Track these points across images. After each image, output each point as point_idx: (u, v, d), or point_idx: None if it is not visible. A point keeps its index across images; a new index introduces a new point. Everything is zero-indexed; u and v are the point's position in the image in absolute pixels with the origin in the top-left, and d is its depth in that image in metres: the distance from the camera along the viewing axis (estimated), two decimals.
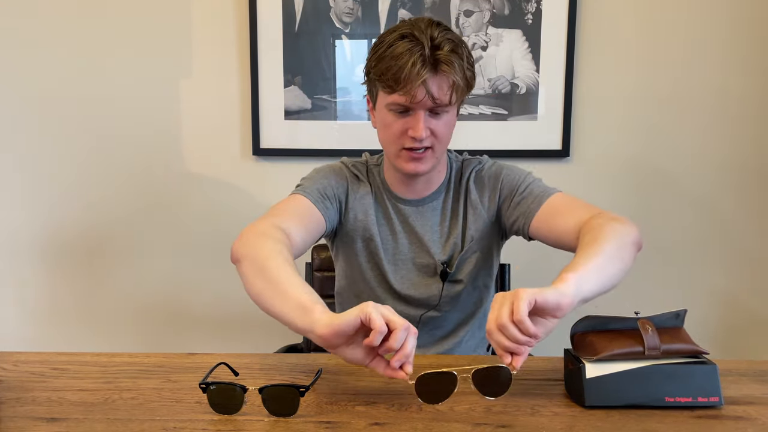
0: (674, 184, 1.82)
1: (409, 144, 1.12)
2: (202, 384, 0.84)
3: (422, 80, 1.05)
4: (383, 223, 1.26)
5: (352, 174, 1.27)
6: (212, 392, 0.83)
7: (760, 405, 0.85)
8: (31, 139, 1.88)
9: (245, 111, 1.84)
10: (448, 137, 1.16)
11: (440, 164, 1.24)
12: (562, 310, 0.82)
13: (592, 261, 0.92)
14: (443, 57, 1.06)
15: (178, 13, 1.81)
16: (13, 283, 1.94)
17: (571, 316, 0.87)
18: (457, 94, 1.10)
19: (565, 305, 0.81)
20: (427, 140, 1.12)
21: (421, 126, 1.10)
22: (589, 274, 0.89)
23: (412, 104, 1.09)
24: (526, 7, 1.75)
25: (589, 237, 0.99)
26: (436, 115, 1.12)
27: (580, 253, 0.96)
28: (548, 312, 0.82)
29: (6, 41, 1.84)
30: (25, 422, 0.80)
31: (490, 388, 0.81)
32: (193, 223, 1.89)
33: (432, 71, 1.06)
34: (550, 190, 1.19)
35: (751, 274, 1.84)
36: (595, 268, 0.91)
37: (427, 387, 0.80)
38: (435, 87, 1.07)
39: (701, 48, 1.76)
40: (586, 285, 0.87)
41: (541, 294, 0.80)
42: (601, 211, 1.08)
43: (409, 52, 1.06)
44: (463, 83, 1.10)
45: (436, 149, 1.15)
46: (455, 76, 1.07)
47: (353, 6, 1.77)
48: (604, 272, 0.92)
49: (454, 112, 1.16)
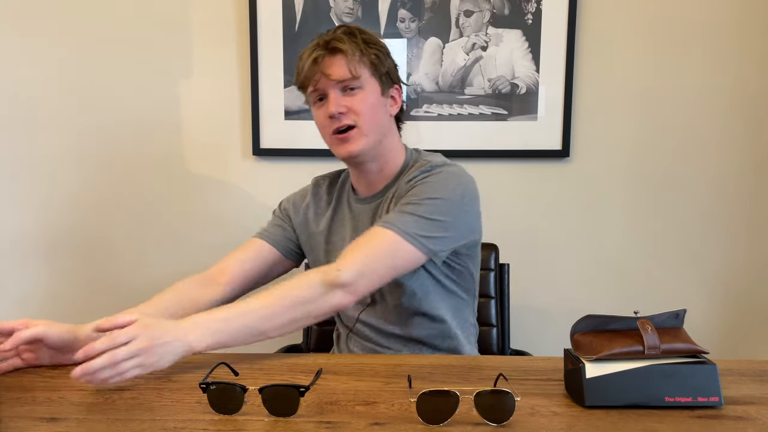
0: (674, 184, 1.81)
1: (332, 125, 1.18)
2: (202, 384, 0.84)
3: (313, 59, 1.15)
4: (337, 228, 1.30)
5: (303, 193, 1.37)
6: (212, 392, 0.83)
7: (760, 405, 0.85)
8: (31, 138, 1.88)
9: (245, 111, 1.84)
10: (373, 115, 1.19)
11: (390, 154, 1.25)
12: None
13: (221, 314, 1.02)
14: (335, 37, 1.16)
15: (178, 13, 1.81)
16: (13, 283, 1.94)
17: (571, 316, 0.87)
18: (358, 68, 1.16)
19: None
20: (347, 117, 1.17)
21: (332, 102, 1.16)
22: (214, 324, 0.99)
23: (319, 88, 1.18)
24: (526, 7, 1.75)
25: (273, 287, 1.07)
26: (350, 91, 1.17)
27: (230, 307, 1.05)
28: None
29: (6, 41, 1.84)
30: (25, 422, 0.80)
31: (492, 413, 0.79)
32: (193, 223, 1.89)
33: (325, 51, 1.16)
34: (393, 223, 1.11)
35: (750, 274, 1.84)
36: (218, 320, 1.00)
37: (428, 406, 0.79)
38: (329, 65, 1.15)
39: (701, 48, 1.76)
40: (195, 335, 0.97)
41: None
42: (331, 270, 1.06)
43: (308, 50, 1.18)
44: (367, 57, 1.17)
45: (362, 126, 1.18)
46: (349, 49, 1.15)
47: (353, 6, 1.77)
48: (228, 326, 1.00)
49: (372, 88, 1.19)
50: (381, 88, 1.20)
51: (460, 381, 0.95)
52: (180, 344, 0.94)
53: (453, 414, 0.79)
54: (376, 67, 1.18)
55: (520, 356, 1.41)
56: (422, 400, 0.79)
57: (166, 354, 0.93)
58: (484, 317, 1.53)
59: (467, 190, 1.19)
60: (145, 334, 0.91)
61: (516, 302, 1.71)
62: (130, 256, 1.91)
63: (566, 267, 1.86)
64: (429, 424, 0.79)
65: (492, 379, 0.90)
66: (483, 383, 0.92)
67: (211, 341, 0.97)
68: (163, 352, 0.92)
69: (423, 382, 0.93)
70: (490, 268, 1.55)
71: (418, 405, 0.79)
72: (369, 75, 1.18)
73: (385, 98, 1.22)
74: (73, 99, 1.85)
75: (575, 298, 1.86)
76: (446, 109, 1.79)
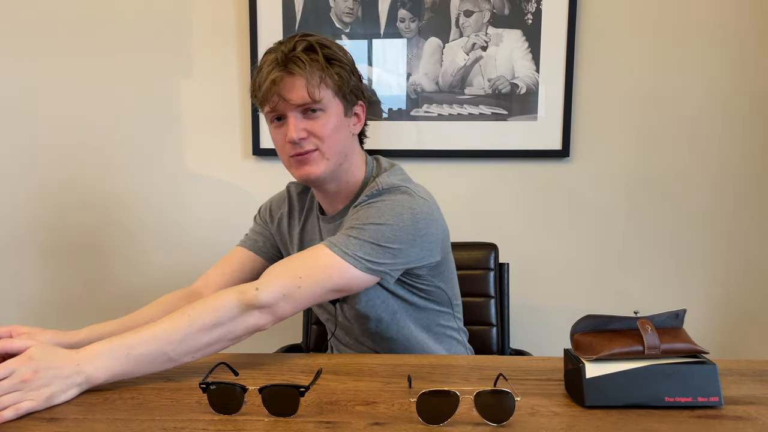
0: (674, 184, 1.82)
1: (292, 150, 1.12)
2: (202, 384, 0.84)
3: (271, 81, 1.06)
4: (308, 242, 1.27)
5: (278, 200, 1.35)
6: (212, 392, 0.83)
7: (760, 405, 0.85)
8: (31, 138, 1.88)
9: (245, 111, 1.84)
10: (335, 139, 1.12)
11: (349, 173, 1.18)
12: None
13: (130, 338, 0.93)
14: (294, 56, 1.07)
15: (178, 13, 1.81)
16: (13, 283, 1.94)
17: (571, 316, 0.87)
18: (319, 91, 1.08)
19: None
20: (308, 142, 1.11)
21: (291, 128, 1.09)
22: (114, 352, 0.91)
23: (277, 110, 1.10)
24: (526, 7, 1.75)
25: (184, 307, 0.99)
26: (312, 113, 1.10)
27: (136, 331, 0.95)
28: None
29: (6, 41, 1.84)
30: (25, 422, 0.80)
31: (492, 413, 0.79)
32: (193, 223, 1.89)
33: (283, 71, 1.07)
34: (335, 244, 1.05)
35: (750, 274, 1.84)
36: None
37: (428, 406, 0.79)
38: (289, 88, 1.07)
39: (701, 48, 1.76)
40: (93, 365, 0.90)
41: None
42: (249, 290, 0.99)
43: (266, 63, 1.09)
44: (330, 78, 1.09)
45: (324, 150, 1.11)
46: (310, 72, 1.07)
47: (353, 6, 1.77)
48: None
49: (334, 110, 1.12)
50: (344, 108, 1.14)
51: (460, 381, 0.95)
52: (77, 377, 0.87)
53: (453, 414, 0.79)
54: (339, 87, 1.11)
55: (520, 356, 1.41)
56: (422, 400, 0.79)
57: (57, 386, 0.85)
58: (484, 317, 1.53)
59: (417, 215, 1.09)
60: (29, 366, 0.84)
61: (516, 302, 1.71)
62: (130, 256, 1.91)
63: (566, 267, 1.86)
64: (429, 424, 0.79)
65: (492, 379, 0.90)
66: (483, 383, 0.92)
67: (112, 372, 0.90)
68: (53, 384, 0.85)
69: (423, 382, 0.93)
70: (490, 268, 1.55)
71: (418, 405, 0.79)
72: (332, 96, 1.11)
73: (348, 118, 1.15)
74: (73, 98, 1.85)
75: (575, 298, 1.86)
76: (446, 109, 1.79)
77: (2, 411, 0.80)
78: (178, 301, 1.20)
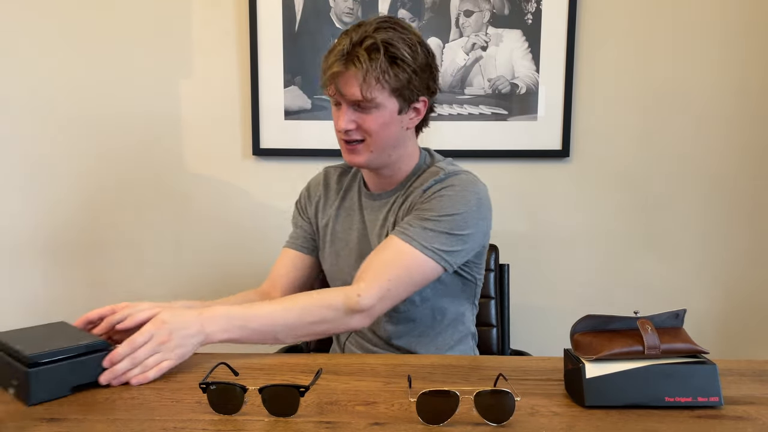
0: (674, 184, 1.82)
1: (342, 136, 1.18)
2: (202, 384, 0.84)
3: (331, 74, 1.12)
4: (343, 218, 1.32)
5: (315, 182, 1.39)
6: (212, 392, 0.83)
7: (760, 405, 0.85)
8: (32, 138, 1.88)
9: (245, 111, 1.84)
10: (383, 135, 1.16)
11: (401, 161, 1.24)
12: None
13: (245, 311, 1.03)
14: (356, 53, 1.10)
15: (178, 13, 1.81)
16: (13, 283, 1.94)
17: (571, 316, 0.87)
18: (373, 92, 1.11)
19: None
20: (356, 133, 1.16)
21: (343, 118, 1.15)
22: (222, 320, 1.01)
23: (334, 98, 1.16)
24: (526, 7, 1.75)
25: (296, 296, 1.11)
26: (363, 109, 1.14)
27: (256, 306, 1.07)
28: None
29: (7, 41, 1.84)
30: (25, 422, 0.80)
31: (492, 413, 0.79)
32: (193, 223, 1.89)
33: (342, 66, 1.11)
34: (415, 239, 1.12)
35: (750, 274, 1.84)
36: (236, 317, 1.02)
37: (428, 406, 0.79)
38: (344, 83, 1.12)
39: (701, 48, 1.76)
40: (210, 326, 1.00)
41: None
42: (353, 295, 1.07)
43: (336, 47, 1.13)
44: (387, 82, 1.11)
45: (369, 143, 1.17)
46: (366, 73, 1.09)
47: (353, 6, 1.77)
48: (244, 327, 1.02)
49: (388, 107, 1.14)
50: (400, 106, 1.16)
51: (460, 381, 0.95)
52: (200, 335, 0.98)
53: (453, 414, 0.79)
54: (397, 87, 1.13)
55: (520, 356, 1.41)
56: (422, 400, 0.79)
57: (188, 345, 0.97)
58: (484, 317, 1.53)
59: (482, 199, 1.19)
60: (163, 329, 0.95)
61: (516, 302, 1.71)
62: (130, 256, 1.91)
63: (566, 267, 1.86)
64: (429, 424, 0.79)
65: (492, 379, 0.90)
66: (483, 383, 0.92)
67: (228, 336, 1.01)
68: (185, 343, 0.96)
69: (423, 382, 0.93)
70: (490, 269, 1.55)
71: (418, 405, 0.79)
72: (387, 96, 1.13)
73: (402, 115, 1.18)
74: (73, 99, 1.85)
75: (575, 298, 1.86)
76: (446, 109, 1.79)
77: (147, 372, 0.92)
78: (255, 299, 1.30)
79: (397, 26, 1.13)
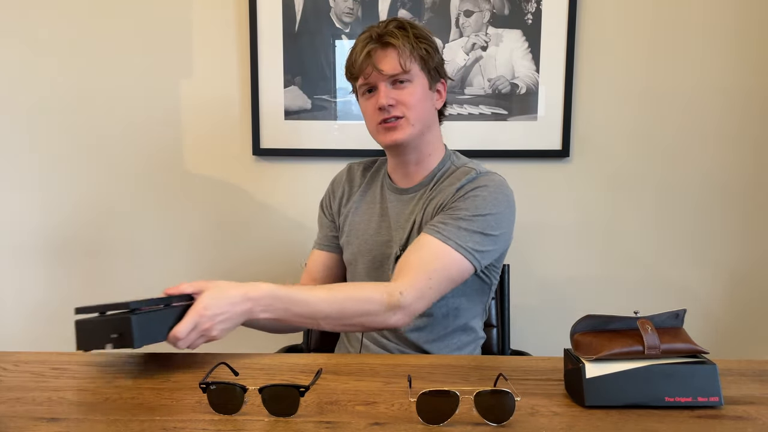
0: (674, 184, 1.82)
1: (380, 116, 1.22)
2: (202, 384, 0.84)
3: (366, 53, 1.19)
4: (363, 209, 1.35)
5: (339, 178, 1.43)
6: (212, 392, 0.83)
7: (760, 405, 0.85)
8: (32, 138, 1.88)
9: (245, 111, 1.84)
10: (419, 106, 1.22)
11: (431, 148, 1.29)
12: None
13: (291, 293, 1.05)
14: (387, 31, 1.20)
15: (178, 12, 1.81)
16: (13, 283, 1.94)
17: (571, 316, 0.87)
18: (409, 63, 1.19)
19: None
20: (396, 109, 1.21)
21: (382, 94, 1.21)
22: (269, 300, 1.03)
23: (370, 81, 1.22)
24: (526, 7, 1.75)
25: (340, 287, 1.15)
26: (400, 84, 1.21)
27: (302, 289, 1.08)
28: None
29: (7, 42, 1.84)
30: (25, 422, 0.80)
31: (492, 413, 0.79)
32: (193, 223, 1.89)
33: (377, 45, 1.20)
34: (452, 239, 1.15)
35: (751, 274, 1.84)
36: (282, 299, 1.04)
37: (428, 406, 0.79)
38: (381, 59, 1.20)
39: (701, 48, 1.76)
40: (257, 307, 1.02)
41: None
42: (395, 293, 1.09)
43: (360, 41, 1.23)
44: (417, 52, 1.20)
45: (410, 117, 1.22)
46: (401, 45, 1.18)
47: (353, 6, 1.77)
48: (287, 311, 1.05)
49: (420, 81, 1.23)
50: (429, 82, 1.24)
51: (460, 381, 0.95)
52: (244, 316, 1.02)
53: (453, 414, 0.79)
54: (426, 61, 1.22)
55: (520, 356, 1.41)
56: (422, 400, 0.79)
57: (232, 322, 1.01)
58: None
59: (510, 201, 1.24)
60: (205, 316, 0.98)
61: (516, 302, 1.71)
62: (130, 256, 1.91)
63: (566, 267, 1.86)
64: (429, 424, 0.79)
65: (492, 379, 0.90)
66: (483, 383, 0.92)
67: (268, 316, 1.03)
68: (228, 326, 1.00)
69: (423, 382, 0.93)
70: None
71: (418, 405, 0.79)
72: (418, 69, 1.22)
73: (432, 92, 1.26)
74: (73, 99, 1.85)
75: (575, 298, 1.86)
76: (446, 109, 1.79)
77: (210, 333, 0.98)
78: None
79: (407, 21, 1.24)
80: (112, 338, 0.93)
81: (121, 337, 0.93)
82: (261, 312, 1.02)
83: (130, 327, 0.92)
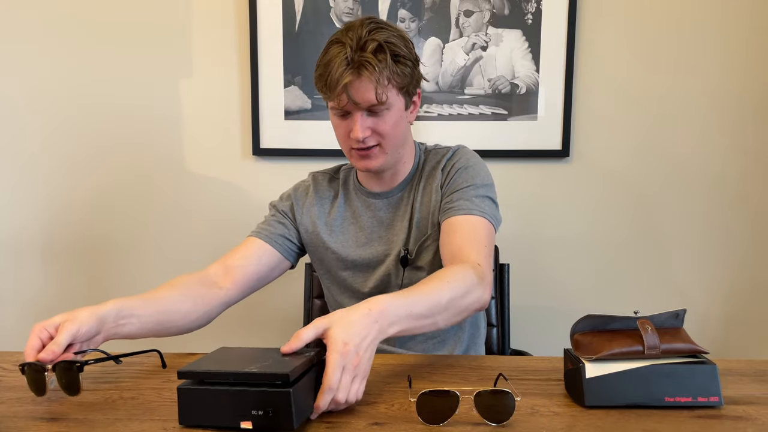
0: (674, 184, 1.82)
1: (354, 144, 1.16)
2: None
3: (343, 85, 1.08)
4: (346, 225, 1.29)
5: (304, 188, 1.34)
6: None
7: (760, 405, 0.85)
8: (32, 139, 1.88)
9: (245, 111, 1.84)
10: (395, 134, 1.17)
11: (405, 156, 1.26)
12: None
13: (408, 298, 0.92)
14: (365, 59, 1.08)
15: (178, 13, 1.81)
16: (13, 283, 1.94)
17: (571, 316, 0.87)
18: (388, 93, 1.11)
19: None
20: (371, 139, 1.15)
21: (358, 128, 1.13)
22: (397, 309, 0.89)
23: (345, 108, 1.13)
24: (526, 7, 1.75)
25: (431, 278, 1.00)
26: (376, 114, 1.14)
27: (407, 291, 0.95)
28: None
29: (6, 42, 1.84)
30: (25, 422, 0.80)
31: (492, 413, 0.79)
32: (192, 223, 1.89)
33: (354, 74, 1.09)
34: (474, 209, 1.16)
35: (750, 274, 1.84)
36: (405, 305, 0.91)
37: (428, 406, 0.79)
38: (358, 91, 1.10)
39: (701, 48, 1.76)
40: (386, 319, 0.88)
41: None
42: (475, 265, 1.05)
43: (336, 58, 1.09)
44: (395, 79, 1.11)
45: (385, 146, 1.17)
46: (379, 75, 1.09)
47: (353, 6, 1.77)
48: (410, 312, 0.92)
49: (397, 106, 1.15)
50: (405, 102, 1.18)
51: (460, 381, 0.94)
52: (381, 336, 0.87)
53: (453, 414, 0.79)
54: (403, 84, 1.14)
55: (520, 356, 1.41)
56: (422, 400, 0.79)
57: (374, 349, 0.85)
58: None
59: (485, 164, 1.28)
60: (351, 352, 0.81)
61: (516, 302, 1.71)
62: (130, 256, 1.91)
63: (566, 267, 1.86)
64: (429, 424, 0.79)
65: (492, 379, 0.90)
66: (483, 383, 0.92)
67: (397, 330, 0.89)
68: (372, 354, 0.85)
69: (423, 382, 0.93)
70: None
71: (418, 405, 0.79)
72: (396, 94, 1.14)
73: (407, 111, 1.20)
74: (73, 99, 1.85)
75: (575, 298, 1.86)
76: (446, 109, 1.79)
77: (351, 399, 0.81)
78: (195, 285, 1.17)
79: (384, 24, 1.13)
80: (257, 415, 0.73)
81: (273, 416, 0.73)
82: (391, 328, 0.88)
83: (289, 402, 0.72)
